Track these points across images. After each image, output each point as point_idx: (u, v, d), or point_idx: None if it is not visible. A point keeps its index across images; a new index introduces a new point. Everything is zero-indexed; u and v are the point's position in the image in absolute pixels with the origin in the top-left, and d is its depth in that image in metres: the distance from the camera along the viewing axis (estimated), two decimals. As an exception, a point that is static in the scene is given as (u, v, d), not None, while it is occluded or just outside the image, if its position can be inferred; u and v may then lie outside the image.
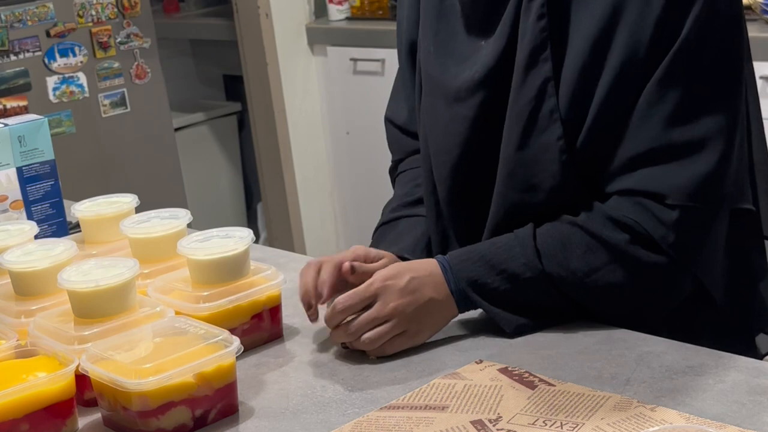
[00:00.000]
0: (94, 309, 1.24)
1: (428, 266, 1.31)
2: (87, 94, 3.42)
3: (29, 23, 3.30)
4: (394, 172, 1.64)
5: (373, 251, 1.41)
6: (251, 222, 4.53)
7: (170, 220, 1.47)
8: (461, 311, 1.32)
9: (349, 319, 1.29)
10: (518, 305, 1.30)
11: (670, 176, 1.25)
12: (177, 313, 1.28)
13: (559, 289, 1.29)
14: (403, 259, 1.42)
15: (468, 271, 1.30)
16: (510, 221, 1.34)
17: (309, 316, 1.35)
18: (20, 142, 1.66)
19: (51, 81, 3.35)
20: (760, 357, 1.41)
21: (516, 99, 1.31)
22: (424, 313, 1.29)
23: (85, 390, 1.22)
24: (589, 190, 1.31)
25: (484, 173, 1.38)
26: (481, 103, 1.36)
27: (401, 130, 1.59)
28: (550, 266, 1.28)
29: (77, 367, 1.17)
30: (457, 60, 1.40)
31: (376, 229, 1.57)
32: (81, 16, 3.40)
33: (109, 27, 3.45)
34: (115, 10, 3.46)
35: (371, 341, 1.27)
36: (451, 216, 1.44)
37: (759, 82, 2.73)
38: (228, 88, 4.68)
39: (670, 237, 1.25)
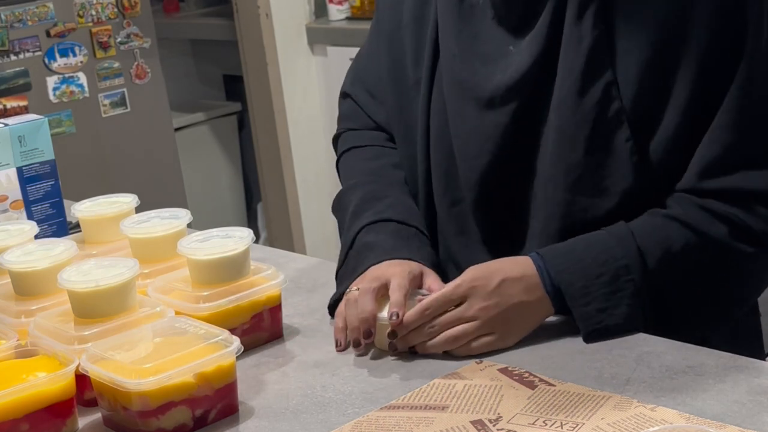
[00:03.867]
0: (94, 309, 1.24)
1: (522, 266, 1.28)
2: (87, 94, 3.42)
3: (29, 23, 3.30)
4: (339, 140, 1.62)
5: (416, 268, 1.35)
6: (251, 222, 4.53)
7: (170, 220, 1.47)
8: (557, 312, 1.29)
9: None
10: (605, 309, 1.27)
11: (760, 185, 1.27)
12: (177, 313, 1.28)
13: (654, 291, 1.27)
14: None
15: (567, 273, 1.27)
16: (578, 227, 1.32)
17: (348, 346, 1.31)
18: (20, 142, 1.66)
19: (51, 81, 3.35)
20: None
21: (575, 104, 1.30)
22: (513, 315, 1.26)
23: (85, 390, 1.22)
24: (661, 194, 1.31)
25: (516, 179, 1.37)
26: (516, 109, 1.34)
27: (362, 109, 1.58)
28: (653, 263, 1.26)
29: (77, 367, 1.17)
30: (483, 61, 1.38)
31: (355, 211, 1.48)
32: (81, 16, 3.40)
33: (109, 27, 3.45)
34: (115, 10, 3.46)
35: (452, 340, 1.25)
36: (478, 221, 1.42)
37: (759, 82, 2.73)
38: (228, 88, 4.68)
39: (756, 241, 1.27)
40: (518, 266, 1.28)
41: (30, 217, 1.67)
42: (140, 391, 1.12)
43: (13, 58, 3.28)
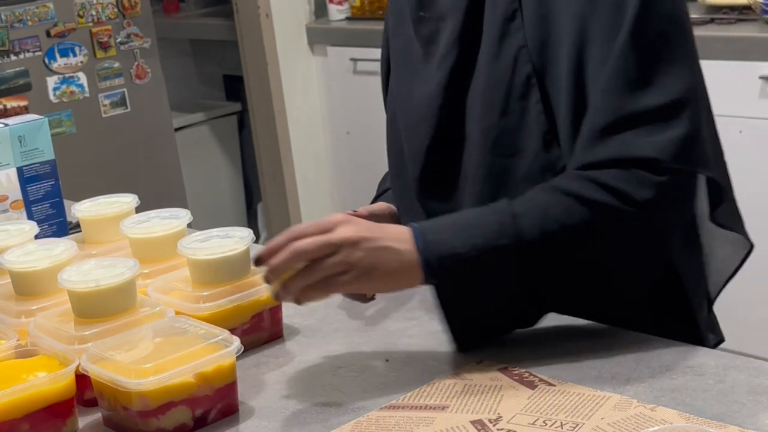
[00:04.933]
0: (94, 309, 1.24)
1: (399, 227, 1.26)
2: (87, 94, 3.42)
3: (29, 23, 3.30)
4: None
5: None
6: (251, 222, 4.53)
7: (170, 220, 1.47)
8: (426, 279, 1.24)
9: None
10: (478, 291, 1.24)
11: (649, 141, 1.24)
12: (177, 313, 1.28)
13: (531, 261, 1.23)
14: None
15: (438, 233, 1.24)
16: (501, 189, 1.33)
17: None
18: (20, 142, 1.66)
19: (51, 81, 3.35)
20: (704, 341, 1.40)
21: (491, 68, 1.34)
22: (380, 258, 1.22)
23: (85, 390, 1.22)
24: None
25: (452, 149, 1.40)
26: (446, 77, 1.39)
27: None
28: (526, 226, 1.23)
29: (77, 367, 1.17)
30: (415, 30, 1.45)
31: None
32: (81, 16, 3.40)
33: (109, 27, 3.45)
34: (115, 10, 3.46)
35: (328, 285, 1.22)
36: (420, 198, 1.44)
37: (759, 82, 2.74)
38: (228, 88, 4.69)
39: (655, 198, 1.23)
40: (395, 226, 1.27)
41: (30, 217, 1.67)
42: (140, 391, 1.12)
43: (13, 58, 3.28)
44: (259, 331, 1.36)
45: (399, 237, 1.24)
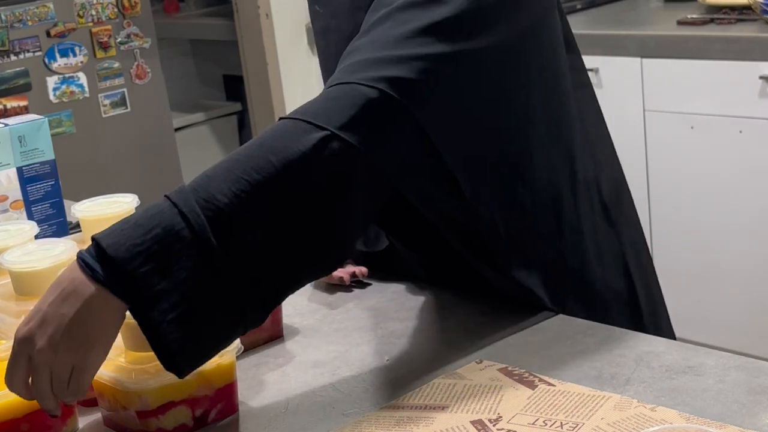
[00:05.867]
0: (94, 309, 1.24)
1: (66, 272, 1.08)
2: (87, 94, 3.42)
3: (29, 23, 3.30)
4: None
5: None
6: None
7: (170, 220, 1.47)
8: (127, 300, 1.06)
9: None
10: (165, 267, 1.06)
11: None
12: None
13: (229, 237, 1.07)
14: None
15: (110, 238, 1.07)
16: None
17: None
18: (20, 142, 1.66)
19: (51, 81, 3.35)
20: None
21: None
22: (76, 331, 1.05)
23: (85, 390, 1.22)
24: None
25: None
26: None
27: None
28: (199, 193, 1.08)
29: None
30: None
31: None
32: (81, 16, 3.40)
33: (109, 27, 3.45)
34: (115, 10, 3.46)
35: (39, 395, 1.07)
36: None
37: (759, 82, 2.74)
38: (228, 88, 4.69)
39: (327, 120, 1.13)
40: (62, 276, 1.08)
41: (30, 217, 1.67)
42: (140, 391, 1.12)
43: (13, 58, 3.28)
44: (259, 331, 1.36)
45: (74, 291, 1.05)
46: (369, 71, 1.16)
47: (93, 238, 1.08)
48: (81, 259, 1.07)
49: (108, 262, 1.05)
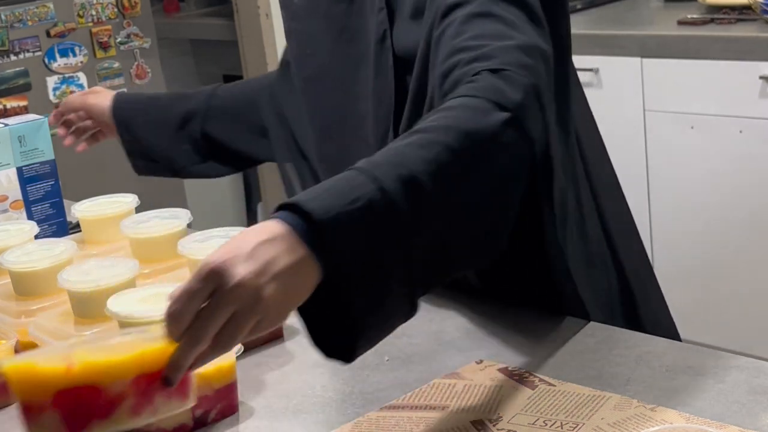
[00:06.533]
0: (94, 309, 1.24)
1: (269, 226, 1.00)
2: (87, 94, 3.42)
3: (29, 23, 3.30)
4: None
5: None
6: (251, 222, 4.53)
7: (170, 220, 1.47)
8: (323, 265, 0.99)
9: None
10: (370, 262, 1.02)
11: (490, 50, 1.18)
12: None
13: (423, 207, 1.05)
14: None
15: (318, 201, 1.01)
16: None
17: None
18: (20, 142, 1.66)
19: (51, 81, 3.35)
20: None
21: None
22: (280, 286, 0.97)
23: (85, 390, 1.22)
24: None
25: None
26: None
27: None
28: (388, 174, 1.04)
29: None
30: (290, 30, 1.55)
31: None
32: (81, 16, 3.40)
33: (109, 27, 3.45)
34: (115, 10, 3.46)
35: (224, 344, 0.97)
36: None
37: (759, 82, 2.74)
38: (228, 88, 4.68)
39: (511, 96, 1.14)
40: (264, 227, 1.00)
41: (30, 217, 1.67)
42: (140, 391, 1.12)
43: (13, 58, 3.28)
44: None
45: (288, 248, 0.98)
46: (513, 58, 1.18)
47: (295, 203, 1.00)
48: (286, 220, 0.99)
49: (315, 226, 0.99)
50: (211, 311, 0.94)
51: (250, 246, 0.96)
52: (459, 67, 1.19)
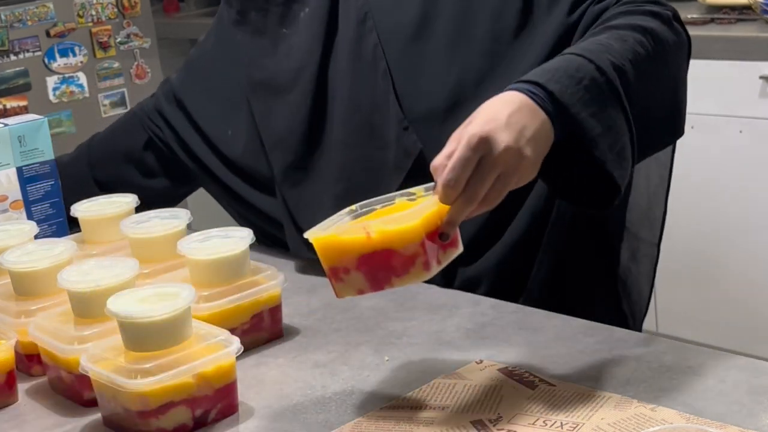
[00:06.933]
0: (94, 309, 1.24)
1: (513, 96, 1.18)
2: (87, 94, 3.42)
3: (29, 23, 3.30)
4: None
5: None
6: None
7: (170, 220, 1.47)
8: (558, 132, 1.19)
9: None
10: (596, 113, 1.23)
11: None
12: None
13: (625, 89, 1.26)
14: None
15: (554, 81, 1.20)
16: (360, 177, 1.50)
17: None
18: (20, 142, 1.66)
19: (51, 81, 3.35)
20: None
21: (350, 69, 1.50)
22: (533, 147, 1.15)
23: (85, 390, 1.23)
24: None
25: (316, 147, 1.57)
26: (309, 87, 1.55)
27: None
28: (615, 59, 1.26)
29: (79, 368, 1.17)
30: (264, 52, 1.61)
31: None
32: (81, 16, 3.40)
33: (109, 27, 3.45)
34: (115, 10, 3.46)
35: (494, 198, 1.14)
36: (282, 183, 1.59)
37: (759, 82, 2.74)
38: (228, 88, 4.67)
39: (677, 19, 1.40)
40: (509, 98, 1.18)
41: (30, 217, 1.67)
42: (140, 391, 1.12)
43: (13, 58, 3.28)
44: (259, 331, 1.36)
45: (531, 114, 1.17)
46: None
47: (535, 81, 1.20)
48: (531, 92, 1.18)
49: (555, 101, 1.18)
50: (482, 176, 1.12)
51: (504, 115, 1.13)
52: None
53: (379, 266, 1.13)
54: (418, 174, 1.35)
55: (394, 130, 1.47)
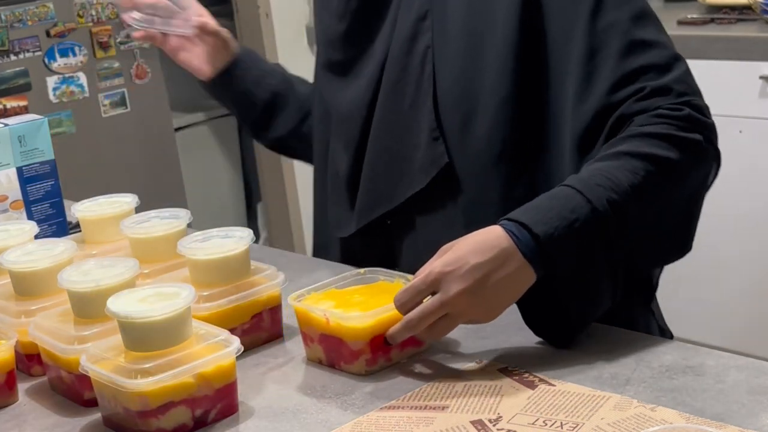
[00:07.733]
0: (94, 309, 1.24)
1: (492, 237, 1.20)
2: (87, 94, 3.42)
3: (29, 23, 3.30)
4: None
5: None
6: (251, 222, 4.53)
7: (170, 220, 1.47)
8: (541, 276, 1.21)
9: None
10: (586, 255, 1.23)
11: (660, 82, 1.33)
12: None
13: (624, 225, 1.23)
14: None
15: (542, 223, 1.20)
16: (403, 176, 1.49)
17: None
18: (20, 142, 1.66)
19: (51, 81, 3.35)
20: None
21: (402, 66, 1.49)
22: (495, 292, 1.19)
23: (85, 390, 1.23)
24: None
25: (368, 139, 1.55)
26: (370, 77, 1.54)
27: None
28: (615, 198, 1.23)
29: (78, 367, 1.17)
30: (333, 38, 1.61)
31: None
32: (81, 16, 3.40)
33: (109, 27, 3.45)
34: (115, 10, 3.45)
35: (436, 334, 1.22)
36: (348, 186, 1.62)
37: (759, 82, 2.74)
38: (228, 88, 4.68)
39: (694, 129, 1.33)
40: (488, 239, 1.20)
41: (30, 217, 1.67)
42: (140, 391, 1.12)
43: (13, 58, 3.28)
44: (259, 331, 1.36)
45: (505, 259, 1.19)
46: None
47: (522, 222, 1.20)
48: (514, 235, 1.20)
49: (539, 245, 1.19)
50: (429, 309, 1.19)
51: (472, 262, 1.18)
52: (637, 100, 1.33)
53: (332, 349, 1.26)
54: (445, 181, 1.45)
55: (425, 136, 1.47)
